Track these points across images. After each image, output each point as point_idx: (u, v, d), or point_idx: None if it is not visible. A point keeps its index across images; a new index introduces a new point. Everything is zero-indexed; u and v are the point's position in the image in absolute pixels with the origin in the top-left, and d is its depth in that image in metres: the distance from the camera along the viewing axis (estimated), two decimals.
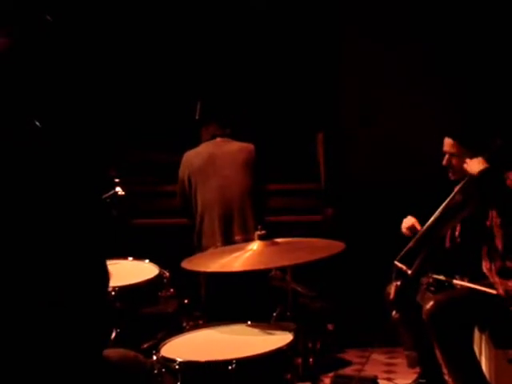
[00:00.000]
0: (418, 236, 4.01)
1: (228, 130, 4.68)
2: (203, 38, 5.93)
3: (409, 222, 4.17)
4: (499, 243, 3.78)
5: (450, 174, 4.06)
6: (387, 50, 5.93)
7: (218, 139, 4.68)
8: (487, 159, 3.83)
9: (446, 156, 4.05)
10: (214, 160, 4.59)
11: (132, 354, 2.41)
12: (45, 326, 2.00)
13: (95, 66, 5.44)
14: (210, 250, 4.10)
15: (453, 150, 4.01)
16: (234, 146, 4.65)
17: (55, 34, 2.16)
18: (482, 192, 3.82)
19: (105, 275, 2.13)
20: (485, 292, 3.76)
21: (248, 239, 3.58)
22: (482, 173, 3.76)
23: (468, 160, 3.86)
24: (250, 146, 4.67)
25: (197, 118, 4.79)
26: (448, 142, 4.04)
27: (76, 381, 2.05)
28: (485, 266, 3.88)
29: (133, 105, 5.85)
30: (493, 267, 3.83)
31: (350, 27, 5.99)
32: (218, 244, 4.36)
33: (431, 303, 3.77)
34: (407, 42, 5.90)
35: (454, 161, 4.01)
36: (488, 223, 3.84)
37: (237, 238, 4.37)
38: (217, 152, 4.61)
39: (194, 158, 4.63)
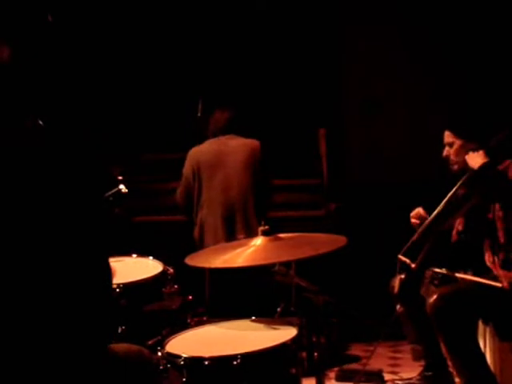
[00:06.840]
0: (421, 229, 4.01)
1: (233, 126, 4.66)
2: (205, 38, 5.94)
3: (415, 211, 4.18)
4: (501, 236, 3.79)
5: (450, 167, 4.07)
6: (389, 47, 5.93)
7: (221, 136, 4.66)
8: (490, 151, 3.83)
9: (446, 148, 4.07)
10: (221, 157, 4.57)
11: (135, 347, 2.42)
12: (49, 324, 2.00)
13: (96, 66, 5.46)
14: (213, 247, 4.11)
15: (450, 140, 4.03)
16: (240, 143, 4.62)
17: (57, 33, 2.16)
18: (484, 186, 3.83)
19: (108, 272, 2.14)
20: (489, 285, 3.76)
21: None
22: (482, 167, 3.76)
23: (469, 154, 3.86)
24: (255, 143, 4.64)
25: (199, 115, 4.80)
26: (446, 134, 4.07)
27: (81, 378, 2.06)
28: (488, 260, 3.89)
29: (134, 104, 5.86)
30: (496, 260, 3.83)
31: (351, 24, 6.00)
32: (221, 243, 4.36)
33: (435, 296, 3.77)
34: (409, 38, 5.90)
35: (451, 152, 4.02)
36: (490, 216, 3.84)
37: (239, 236, 4.37)
38: (223, 149, 4.59)
39: (200, 154, 4.61)
